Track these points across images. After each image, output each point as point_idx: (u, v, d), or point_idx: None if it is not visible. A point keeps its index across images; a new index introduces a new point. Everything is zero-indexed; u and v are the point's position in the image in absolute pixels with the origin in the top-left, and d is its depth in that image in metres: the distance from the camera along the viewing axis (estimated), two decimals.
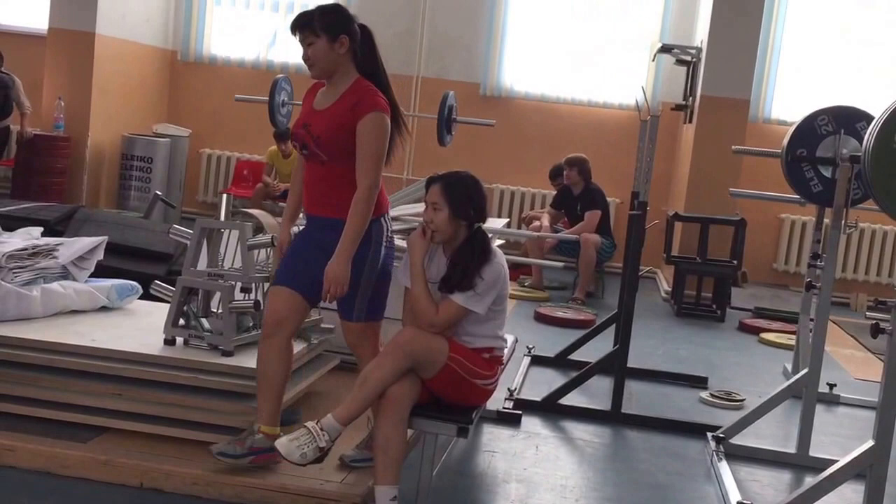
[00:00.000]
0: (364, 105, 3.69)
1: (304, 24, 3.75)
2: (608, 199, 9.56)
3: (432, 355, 3.71)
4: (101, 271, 4.98)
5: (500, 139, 10.63)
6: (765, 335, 7.98)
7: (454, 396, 3.81)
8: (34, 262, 4.57)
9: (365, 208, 3.65)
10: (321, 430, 3.49)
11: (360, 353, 3.94)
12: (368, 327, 3.90)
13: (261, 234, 4.57)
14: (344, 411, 3.55)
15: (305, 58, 3.77)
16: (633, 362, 5.49)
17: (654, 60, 10.42)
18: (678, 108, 9.97)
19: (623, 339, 5.32)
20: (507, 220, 8.68)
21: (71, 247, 4.80)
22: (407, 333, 3.75)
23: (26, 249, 4.57)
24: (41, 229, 5.14)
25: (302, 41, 3.76)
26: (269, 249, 4.42)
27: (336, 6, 3.87)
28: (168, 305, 4.35)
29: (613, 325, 6.15)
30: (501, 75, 11.16)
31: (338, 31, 3.73)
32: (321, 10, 3.78)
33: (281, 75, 9.15)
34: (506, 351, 4.09)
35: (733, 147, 7.21)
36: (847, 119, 5.74)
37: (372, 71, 3.83)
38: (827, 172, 5.71)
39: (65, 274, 4.72)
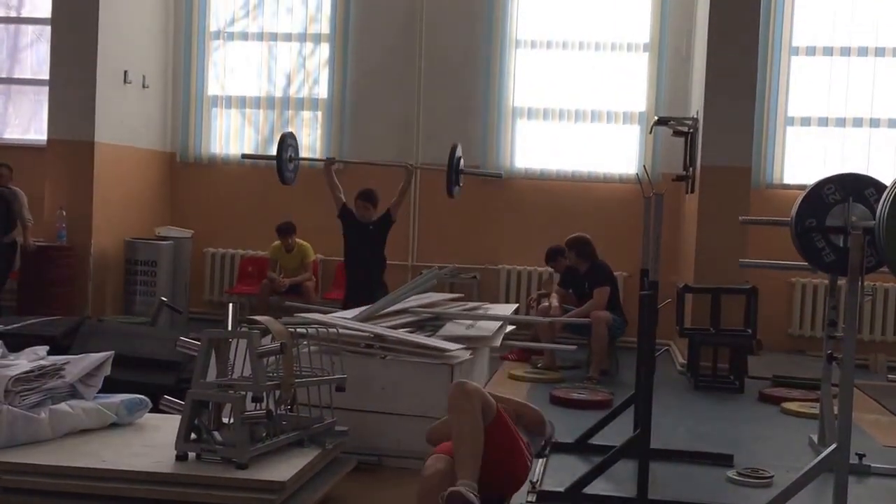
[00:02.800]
0: None
1: None
2: (615, 273, 9.47)
3: (487, 397, 4.15)
4: (109, 384, 4.88)
5: (502, 219, 10.61)
6: (786, 405, 7.80)
7: (503, 459, 4.12)
8: (41, 383, 4.47)
9: None
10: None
11: None
12: None
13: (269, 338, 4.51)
14: (468, 472, 3.80)
15: None
16: (654, 442, 5.34)
17: (651, 133, 10.43)
18: (679, 178, 9.94)
19: (643, 423, 5.20)
20: (517, 305, 8.58)
21: (78, 364, 4.73)
22: (458, 387, 4.13)
23: (33, 371, 4.48)
24: (47, 348, 5.05)
25: None
26: (277, 356, 4.35)
27: None
28: (178, 417, 4.27)
29: (632, 405, 6.05)
30: (500, 155, 11.14)
31: None
32: None
33: (287, 131, 9.16)
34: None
35: (741, 218, 7.16)
36: (854, 186, 5.69)
37: None
38: (838, 241, 5.65)
39: (73, 392, 4.64)
